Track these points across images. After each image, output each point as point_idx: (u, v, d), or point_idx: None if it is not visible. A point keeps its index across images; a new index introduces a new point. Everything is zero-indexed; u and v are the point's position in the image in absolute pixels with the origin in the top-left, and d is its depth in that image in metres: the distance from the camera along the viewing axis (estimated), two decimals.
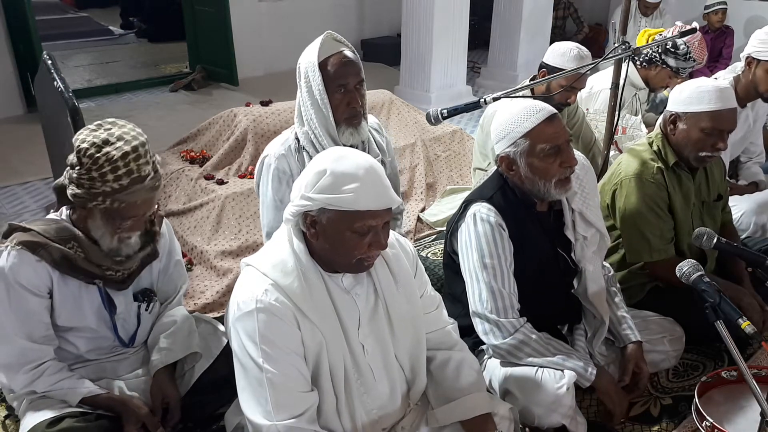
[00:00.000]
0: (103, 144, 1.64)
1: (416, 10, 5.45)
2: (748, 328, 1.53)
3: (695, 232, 2.06)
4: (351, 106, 2.04)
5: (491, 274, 1.89)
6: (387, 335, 1.61)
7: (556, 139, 1.86)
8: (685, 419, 2.15)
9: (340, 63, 2.01)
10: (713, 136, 2.24)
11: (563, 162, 1.87)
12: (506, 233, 1.92)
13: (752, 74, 2.94)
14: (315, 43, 2.03)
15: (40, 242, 1.70)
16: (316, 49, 2.02)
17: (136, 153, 1.66)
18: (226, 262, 3.02)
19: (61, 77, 2.64)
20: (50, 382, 1.76)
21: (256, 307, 1.44)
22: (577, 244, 2.03)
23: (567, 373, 1.89)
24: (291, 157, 2.12)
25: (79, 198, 1.68)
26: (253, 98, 5.01)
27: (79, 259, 1.74)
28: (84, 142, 1.65)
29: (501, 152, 1.94)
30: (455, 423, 1.65)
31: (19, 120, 5.02)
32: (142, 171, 1.67)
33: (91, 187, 1.65)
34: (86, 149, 1.64)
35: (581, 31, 7.51)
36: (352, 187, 1.39)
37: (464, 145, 4.27)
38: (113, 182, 1.64)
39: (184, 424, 2.05)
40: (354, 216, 1.41)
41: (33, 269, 1.70)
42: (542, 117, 1.87)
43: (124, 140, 1.66)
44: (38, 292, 1.72)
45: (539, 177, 1.89)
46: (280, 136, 2.20)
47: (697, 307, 1.66)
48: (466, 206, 1.98)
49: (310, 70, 2.02)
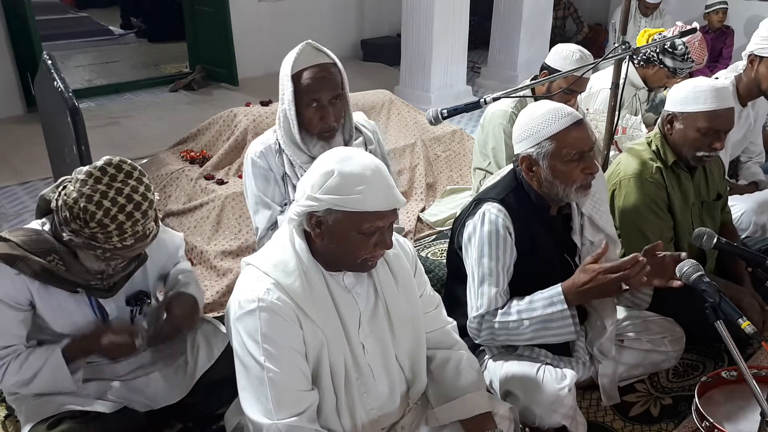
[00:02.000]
0: (102, 197, 1.55)
1: (416, 10, 5.45)
2: (748, 328, 1.52)
3: (695, 232, 2.06)
4: (323, 120, 2.03)
5: (485, 273, 1.90)
6: (387, 335, 1.61)
7: (582, 145, 1.85)
8: (685, 419, 2.15)
9: (314, 77, 1.98)
10: (710, 136, 2.24)
11: (585, 168, 1.87)
12: (512, 238, 1.92)
13: (755, 72, 2.94)
14: (293, 52, 2.01)
15: (18, 255, 1.64)
16: (291, 60, 2.00)
17: (146, 217, 1.60)
18: (226, 262, 3.02)
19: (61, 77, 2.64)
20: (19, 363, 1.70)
21: (258, 306, 1.44)
22: (583, 249, 2.04)
23: (568, 373, 1.89)
24: (271, 156, 2.14)
25: (73, 243, 1.62)
26: (253, 98, 5.01)
27: (60, 271, 1.69)
28: (90, 202, 1.54)
29: (523, 152, 1.92)
30: (455, 422, 1.65)
31: (19, 120, 5.02)
32: (147, 230, 1.63)
33: (92, 240, 1.58)
34: (93, 212, 1.54)
35: (581, 31, 7.51)
36: (360, 189, 1.38)
37: (464, 145, 4.27)
38: (118, 242, 1.59)
39: (184, 424, 2.05)
40: (361, 217, 1.41)
41: (11, 282, 1.65)
42: (571, 121, 1.85)
43: (134, 202, 1.58)
44: (15, 304, 1.67)
45: (560, 181, 1.88)
46: (262, 135, 2.22)
47: (697, 308, 1.66)
48: (477, 204, 1.98)
49: (284, 79, 2.01)
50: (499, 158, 3.02)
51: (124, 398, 1.87)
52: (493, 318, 1.90)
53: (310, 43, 2.03)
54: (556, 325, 1.85)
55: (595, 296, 1.89)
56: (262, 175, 2.14)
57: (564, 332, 1.86)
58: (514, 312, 1.88)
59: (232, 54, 5.98)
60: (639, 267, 1.78)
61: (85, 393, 1.83)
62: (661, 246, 1.87)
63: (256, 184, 2.15)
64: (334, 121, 2.05)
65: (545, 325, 1.86)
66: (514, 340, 1.91)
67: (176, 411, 1.98)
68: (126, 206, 1.57)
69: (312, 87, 1.98)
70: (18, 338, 1.72)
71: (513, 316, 1.88)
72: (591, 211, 2.03)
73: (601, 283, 1.81)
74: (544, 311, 1.85)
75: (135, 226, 1.59)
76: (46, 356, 1.72)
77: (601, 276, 1.80)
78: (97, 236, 1.57)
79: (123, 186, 1.58)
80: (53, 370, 1.72)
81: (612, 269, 1.79)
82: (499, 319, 1.89)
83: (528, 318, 1.86)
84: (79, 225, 1.57)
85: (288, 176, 2.15)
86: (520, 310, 1.88)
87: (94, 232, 1.56)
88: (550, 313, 1.84)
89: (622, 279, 1.79)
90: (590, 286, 1.82)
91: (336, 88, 2.02)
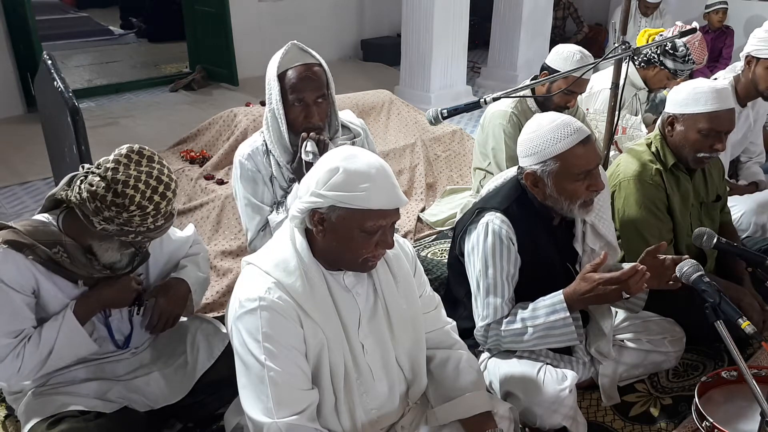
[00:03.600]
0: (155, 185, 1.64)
1: (416, 10, 5.45)
2: (748, 328, 1.52)
3: (695, 232, 2.06)
4: (308, 119, 2.06)
5: (491, 284, 1.92)
6: (386, 335, 1.61)
7: (588, 164, 1.84)
8: (685, 419, 2.14)
9: (299, 77, 2.02)
10: (711, 137, 2.24)
11: (591, 185, 1.86)
12: (515, 248, 1.92)
13: (752, 73, 2.94)
14: (278, 53, 2.05)
15: (26, 243, 1.68)
16: (277, 60, 2.04)
17: (175, 195, 1.71)
18: (226, 262, 3.02)
19: (61, 77, 2.63)
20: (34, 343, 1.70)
21: (259, 305, 1.44)
22: (584, 256, 2.04)
23: (569, 374, 1.89)
24: (259, 157, 2.17)
25: (105, 231, 1.67)
26: (253, 98, 5.02)
27: (65, 263, 1.72)
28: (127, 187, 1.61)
29: (528, 168, 1.91)
30: (455, 422, 1.65)
31: (19, 120, 5.02)
32: (174, 210, 1.73)
33: (127, 225, 1.65)
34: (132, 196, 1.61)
35: (581, 31, 7.51)
36: (365, 186, 1.39)
37: (464, 145, 4.27)
38: (151, 224, 1.67)
39: (184, 424, 2.05)
40: (365, 215, 1.41)
41: (17, 268, 1.68)
42: (577, 140, 1.83)
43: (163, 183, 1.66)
44: (21, 290, 1.70)
45: (564, 198, 1.88)
46: (250, 138, 2.25)
47: (697, 308, 1.66)
48: (479, 212, 1.97)
49: (271, 79, 2.04)
50: (500, 158, 3.02)
51: (124, 398, 1.87)
52: (499, 326, 1.93)
53: (295, 44, 2.07)
54: (559, 332, 1.88)
55: (595, 303, 1.92)
56: (250, 177, 2.17)
57: (567, 338, 1.90)
58: (519, 320, 1.91)
59: (232, 54, 5.98)
60: (638, 276, 1.80)
61: (85, 393, 1.83)
62: (665, 247, 1.88)
63: (244, 187, 2.18)
64: (318, 120, 2.07)
65: (549, 332, 1.89)
66: (520, 345, 1.94)
67: (176, 411, 1.98)
68: (158, 187, 1.65)
69: (297, 86, 2.02)
70: (29, 320, 1.73)
71: (518, 324, 1.91)
72: (594, 219, 2.04)
73: (601, 293, 1.83)
74: (548, 318, 1.87)
75: (168, 205, 1.69)
76: (58, 324, 1.73)
77: (602, 287, 1.83)
78: (133, 219, 1.64)
79: (151, 169, 1.66)
80: (69, 334, 1.74)
81: (612, 281, 1.81)
82: (504, 328, 1.92)
83: (532, 325, 1.89)
84: (115, 211, 1.62)
85: (275, 177, 2.18)
86: (524, 318, 1.90)
87: (132, 215, 1.63)
88: (553, 321, 1.87)
89: (623, 289, 1.81)
90: (590, 295, 1.85)
91: (321, 88, 2.05)
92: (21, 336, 1.71)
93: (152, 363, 1.97)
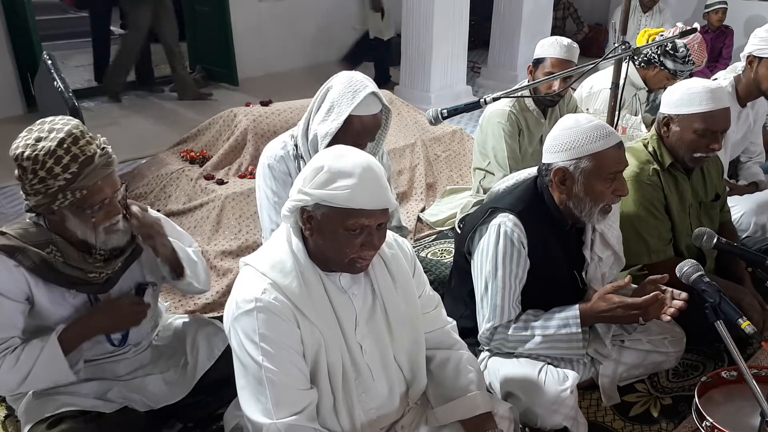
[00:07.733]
0: (37, 141, 1.60)
1: (416, 10, 5.45)
2: (748, 328, 1.53)
3: (695, 232, 2.06)
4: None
5: (499, 287, 1.92)
6: (385, 335, 1.61)
7: (619, 166, 1.88)
8: (685, 419, 2.15)
9: (363, 126, 2.04)
10: (707, 137, 2.24)
11: (616, 189, 1.89)
12: (525, 251, 1.93)
13: (754, 72, 2.94)
14: (358, 91, 2.01)
15: (17, 246, 1.66)
16: (356, 100, 2.00)
17: (72, 136, 1.62)
18: (226, 262, 3.02)
19: (61, 77, 2.64)
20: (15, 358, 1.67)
21: (255, 306, 1.44)
22: (592, 264, 2.05)
23: (570, 374, 1.89)
24: (290, 161, 2.15)
25: (41, 206, 1.64)
26: (253, 98, 5.01)
27: (58, 264, 1.69)
28: (18, 148, 1.61)
29: (558, 163, 1.90)
30: (455, 422, 1.65)
31: (19, 120, 5.00)
32: (86, 151, 1.63)
33: (46, 188, 1.61)
34: (22, 153, 1.60)
35: (581, 31, 7.52)
36: (347, 184, 1.39)
37: (464, 145, 4.27)
38: (63, 173, 1.60)
39: (184, 424, 2.05)
40: (347, 213, 1.41)
41: (8, 273, 1.66)
42: (612, 141, 1.87)
43: (55, 130, 1.62)
44: (13, 297, 1.67)
45: (591, 198, 1.89)
46: (278, 139, 2.22)
47: (697, 308, 1.66)
48: (492, 212, 1.97)
49: (339, 112, 2.02)
50: (500, 157, 3.02)
51: (124, 398, 1.87)
52: (506, 330, 1.94)
53: (374, 93, 2.06)
54: (565, 345, 1.91)
55: (608, 322, 1.98)
56: (281, 179, 2.15)
57: (572, 352, 1.94)
58: (529, 327, 1.93)
59: (232, 54, 5.98)
60: (659, 305, 1.83)
61: (85, 393, 1.83)
62: (666, 279, 1.89)
63: (275, 187, 2.15)
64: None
65: (555, 344, 1.92)
66: (522, 350, 1.95)
67: (176, 411, 1.98)
68: (48, 135, 1.61)
69: (360, 133, 2.05)
70: (15, 330, 1.70)
71: (527, 331, 1.92)
72: (604, 228, 2.05)
73: (618, 315, 1.87)
74: (558, 330, 1.90)
75: (68, 149, 1.60)
76: (41, 346, 1.69)
77: (621, 310, 1.86)
78: (45, 180, 1.59)
79: (43, 125, 1.64)
80: (49, 360, 1.69)
81: (633, 306, 1.84)
82: (512, 332, 1.94)
83: (541, 334, 1.91)
84: (28, 181, 1.61)
85: None
86: (534, 326, 1.92)
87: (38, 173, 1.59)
88: (563, 333, 1.90)
89: (641, 315, 1.85)
90: (607, 315, 1.89)
91: (375, 131, 2.13)
92: (4, 345, 1.68)
93: (152, 363, 1.97)
